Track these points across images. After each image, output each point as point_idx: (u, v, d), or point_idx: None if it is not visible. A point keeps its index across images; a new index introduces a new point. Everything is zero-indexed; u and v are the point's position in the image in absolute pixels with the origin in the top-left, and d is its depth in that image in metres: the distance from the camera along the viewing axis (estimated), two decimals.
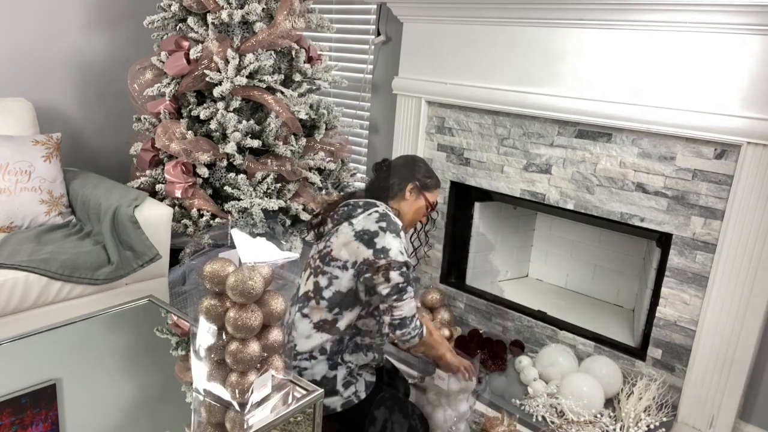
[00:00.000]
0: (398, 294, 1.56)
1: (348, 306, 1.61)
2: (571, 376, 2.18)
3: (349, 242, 1.59)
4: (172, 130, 2.46)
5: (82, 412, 1.28)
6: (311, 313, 1.62)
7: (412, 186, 1.75)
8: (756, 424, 2.15)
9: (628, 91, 2.12)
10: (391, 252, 1.56)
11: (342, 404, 1.60)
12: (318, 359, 1.60)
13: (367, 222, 1.61)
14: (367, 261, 1.56)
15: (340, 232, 1.64)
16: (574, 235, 2.88)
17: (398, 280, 1.56)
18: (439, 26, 2.59)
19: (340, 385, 1.60)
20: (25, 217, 2.30)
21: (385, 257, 1.55)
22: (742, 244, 1.96)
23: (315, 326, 1.62)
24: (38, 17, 2.77)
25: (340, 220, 1.68)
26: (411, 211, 1.77)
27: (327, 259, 1.63)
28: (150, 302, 1.82)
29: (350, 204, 1.70)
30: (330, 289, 1.60)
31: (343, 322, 1.62)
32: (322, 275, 1.62)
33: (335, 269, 1.60)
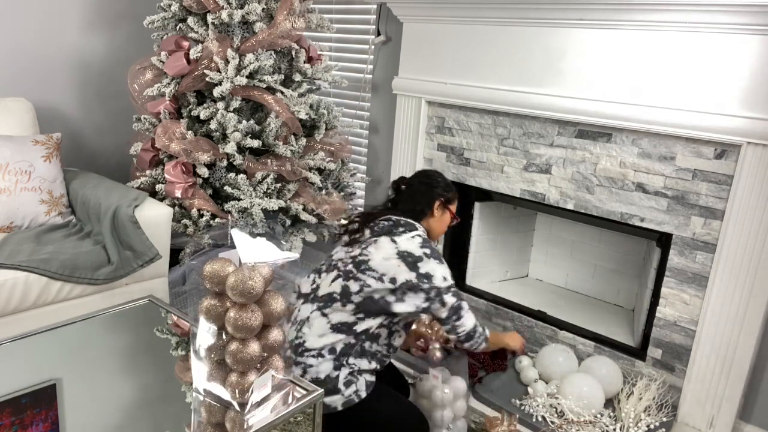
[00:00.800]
0: (456, 314, 1.71)
1: (373, 314, 1.65)
2: (571, 376, 2.18)
3: (389, 258, 1.65)
4: (172, 130, 2.46)
5: (82, 412, 1.28)
6: (332, 313, 1.65)
7: (439, 203, 1.84)
8: (756, 424, 2.15)
9: (628, 91, 2.12)
10: (434, 279, 1.65)
11: (343, 403, 1.60)
12: (325, 358, 1.61)
13: (411, 245, 1.68)
14: (409, 282, 1.63)
15: (380, 245, 1.69)
16: (574, 235, 2.88)
17: (452, 301, 1.69)
18: (439, 26, 2.59)
19: (341, 384, 1.60)
20: (25, 217, 2.30)
21: (429, 282, 1.64)
22: (742, 244, 1.96)
23: (332, 327, 1.64)
24: (38, 17, 2.77)
25: (380, 233, 1.73)
26: (439, 227, 1.87)
27: (362, 267, 1.66)
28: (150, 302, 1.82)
29: (392, 220, 1.77)
30: (360, 295, 1.64)
31: (361, 326, 1.64)
32: (354, 281, 1.65)
33: (370, 278, 1.64)
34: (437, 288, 1.65)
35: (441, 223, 1.87)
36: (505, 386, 2.30)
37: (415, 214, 1.81)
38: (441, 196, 1.84)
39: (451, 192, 1.88)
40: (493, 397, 2.22)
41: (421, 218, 1.82)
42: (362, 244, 1.73)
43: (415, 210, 1.81)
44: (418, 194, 1.83)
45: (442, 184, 1.87)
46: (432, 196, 1.83)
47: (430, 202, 1.82)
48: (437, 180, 1.87)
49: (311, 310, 1.68)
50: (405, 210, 1.82)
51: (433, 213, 1.83)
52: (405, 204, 1.83)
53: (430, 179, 1.87)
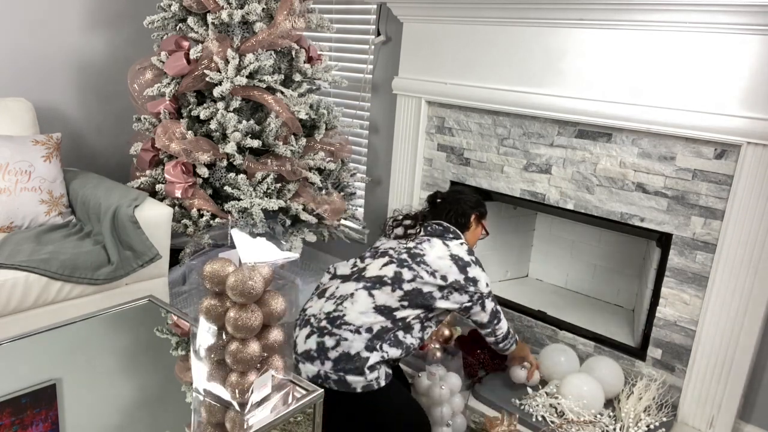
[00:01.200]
0: (496, 318, 1.91)
1: (417, 305, 1.75)
2: (571, 376, 2.18)
3: (443, 257, 1.80)
4: (172, 130, 2.46)
5: (82, 412, 1.28)
6: (379, 295, 1.73)
7: (475, 216, 2.02)
8: (756, 424, 2.15)
9: (628, 91, 2.12)
10: (479, 283, 1.81)
11: (363, 386, 1.63)
12: (362, 335, 1.67)
13: (460, 250, 1.84)
14: (458, 282, 1.77)
15: (434, 244, 1.84)
16: (574, 235, 2.88)
17: (492, 306, 1.88)
18: (439, 26, 2.59)
19: (367, 367, 1.64)
20: (25, 217, 2.30)
21: (474, 286, 1.80)
22: (742, 244, 1.96)
23: (375, 307, 1.71)
24: (38, 17, 2.77)
25: (433, 234, 1.90)
26: (472, 239, 2.03)
27: (418, 259, 1.79)
28: (150, 302, 1.82)
29: (442, 225, 1.94)
30: (412, 284, 1.75)
31: (401, 313, 1.73)
32: (408, 269, 1.77)
33: (423, 272, 1.77)
34: (481, 293, 1.81)
35: (474, 235, 2.04)
36: (505, 386, 2.30)
37: (458, 226, 1.96)
38: (477, 210, 2.02)
39: (484, 208, 2.06)
40: (493, 397, 2.22)
41: (462, 230, 1.98)
42: (416, 238, 1.89)
43: (458, 222, 1.97)
44: (458, 207, 1.99)
45: (476, 200, 2.05)
46: (469, 211, 2.00)
47: (469, 216, 2.00)
48: (472, 196, 2.06)
49: (356, 288, 1.75)
50: (449, 221, 1.97)
51: (469, 226, 2.00)
52: (448, 216, 1.98)
53: (464, 195, 2.05)
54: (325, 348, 1.65)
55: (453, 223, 1.96)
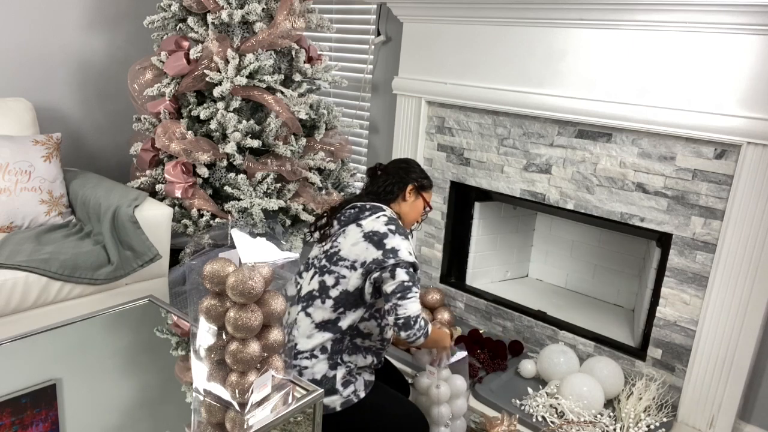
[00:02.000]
0: (402, 292, 1.58)
1: (352, 306, 1.63)
2: (570, 376, 2.18)
3: (357, 242, 1.63)
4: (172, 130, 2.46)
5: (82, 412, 1.28)
6: (314, 312, 1.64)
7: (412, 187, 1.79)
8: (756, 424, 2.15)
9: (629, 90, 2.12)
10: (400, 252, 1.60)
11: (341, 403, 1.60)
12: (318, 358, 1.61)
13: (376, 224, 1.66)
14: (376, 260, 1.59)
15: (347, 233, 1.67)
16: (574, 235, 2.88)
17: (404, 278, 1.58)
18: (439, 26, 2.59)
19: (339, 384, 1.60)
20: (25, 217, 2.30)
21: (394, 257, 1.59)
22: (742, 244, 1.96)
23: (317, 326, 1.63)
24: (38, 17, 2.77)
25: (348, 221, 1.71)
26: (411, 212, 1.81)
27: (334, 259, 1.65)
28: (150, 302, 1.82)
29: (357, 207, 1.74)
30: (337, 288, 1.63)
31: (345, 321, 1.63)
32: (328, 274, 1.65)
33: (343, 269, 1.63)
34: (398, 260, 1.59)
35: (413, 209, 1.81)
36: (505, 386, 2.30)
37: (386, 195, 1.77)
38: (415, 180, 1.80)
39: (426, 180, 1.83)
40: (493, 397, 2.22)
41: (391, 200, 1.78)
42: (332, 237, 1.72)
43: (385, 191, 1.77)
44: (391, 177, 1.79)
45: (417, 170, 1.83)
46: (406, 180, 1.79)
47: (403, 185, 1.78)
48: (413, 166, 1.84)
49: (297, 312, 1.67)
50: (374, 192, 1.78)
51: (405, 197, 1.79)
52: (376, 188, 1.78)
53: (407, 164, 1.84)
54: None
55: (381, 195, 1.77)
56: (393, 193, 1.77)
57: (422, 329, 1.62)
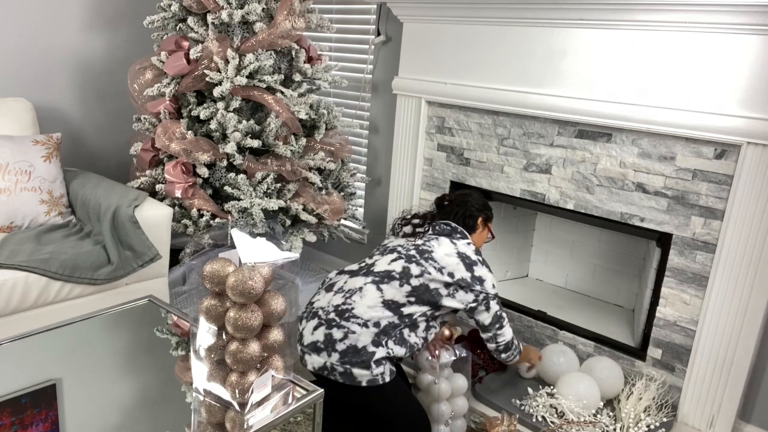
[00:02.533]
0: (499, 322, 1.89)
1: (423, 301, 1.77)
2: (568, 375, 2.18)
3: (450, 255, 1.83)
4: (172, 130, 2.46)
5: (82, 412, 1.28)
6: (387, 289, 1.75)
7: (482, 219, 2.03)
8: (756, 424, 2.15)
9: (629, 90, 2.12)
10: (486, 283, 1.82)
11: (368, 380, 1.65)
12: (369, 329, 1.68)
13: (468, 249, 1.87)
14: (464, 280, 1.79)
15: (441, 242, 1.87)
16: (574, 235, 2.88)
17: (496, 308, 1.86)
18: (439, 26, 2.59)
19: (373, 361, 1.65)
20: (25, 217, 2.30)
21: (481, 286, 1.81)
22: (742, 244, 1.96)
23: (384, 302, 1.73)
24: (38, 17, 2.77)
25: (441, 233, 1.92)
26: (478, 241, 2.04)
27: (425, 256, 1.81)
28: (150, 302, 1.82)
29: (450, 225, 1.95)
30: (419, 279, 1.77)
31: (408, 309, 1.74)
32: (416, 265, 1.79)
33: (431, 267, 1.79)
34: (486, 293, 1.81)
35: (480, 238, 2.05)
36: (505, 386, 2.30)
37: (465, 227, 1.98)
38: (484, 213, 2.04)
39: (491, 211, 2.08)
40: (493, 397, 2.22)
41: (469, 232, 1.99)
42: (424, 237, 1.93)
43: (465, 224, 1.98)
44: (464, 210, 2.01)
45: (483, 203, 2.07)
46: (476, 213, 2.02)
47: (476, 218, 2.01)
48: (480, 199, 2.07)
49: (365, 282, 1.77)
50: (458, 221, 1.99)
51: (476, 228, 2.01)
52: (455, 218, 1.99)
53: (472, 197, 2.06)
54: (333, 340, 1.66)
55: (460, 225, 1.98)
56: (468, 225, 1.99)
57: (517, 347, 2.01)
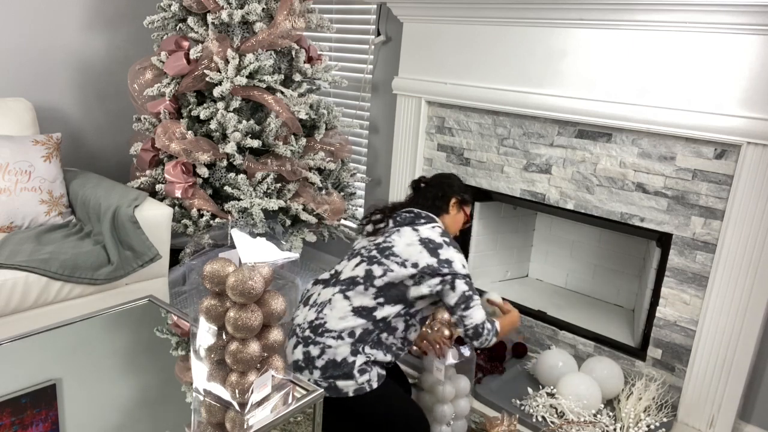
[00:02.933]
0: (465, 302, 1.72)
1: (392, 300, 1.70)
2: (568, 376, 2.18)
3: (412, 244, 1.74)
4: (172, 130, 2.46)
5: (82, 412, 1.28)
6: (354, 296, 1.70)
7: (455, 201, 1.92)
8: (756, 424, 2.15)
9: (629, 90, 2.12)
10: (454, 264, 1.71)
11: (355, 390, 1.63)
12: (345, 341, 1.65)
13: (431, 233, 1.77)
14: (430, 266, 1.69)
15: (402, 233, 1.78)
16: (574, 235, 2.88)
17: (464, 288, 1.71)
18: (439, 26, 2.59)
19: (356, 370, 1.63)
20: (25, 217, 2.30)
21: (449, 267, 1.70)
22: (742, 244, 1.96)
23: (353, 310, 1.69)
24: (38, 17, 2.77)
25: (403, 223, 1.82)
26: (453, 225, 1.94)
27: (386, 253, 1.74)
28: (150, 302, 1.82)
29: (413, 212, 1.86)
30: (383, 278, 1.70)
31: (381, 312, 1.69)
32: (378, 265, 1.72)
33: (393, 264, 1.71)
34: (454, 272, 1.70)
35: (455, 222, 1.94)
36: (505, 386, 2.30)
37: (434, 209, 1.89)
38: (458, 194, 1.93)
39: (466, 194, 1.97)
40: (493, 397, 2.22)
41: (439, 214, 1.90)
42: (385, 233, 1.83)
43: (434, 205, 1.89)
44: (437, 191, 1.92)
45: (459, 184, 1.97)
46: (449, 194, 1.92)
47: (447, 199, 1.91)
48: (455, 180, 1.98)
49: (333, 293, 1.73)
50: (424, 205, 1.90)
51: (449, 211, 1.91)
52: (424, 200, 1.91)
53: (449, 179, 1.97)
54: (312, 357, 1.64)
55: (430, 207, 1.89)
56: (440, 208, 1.90)
57: (491, 331, 1.77)
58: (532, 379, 2.35)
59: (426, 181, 1.98)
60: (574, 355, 2.40)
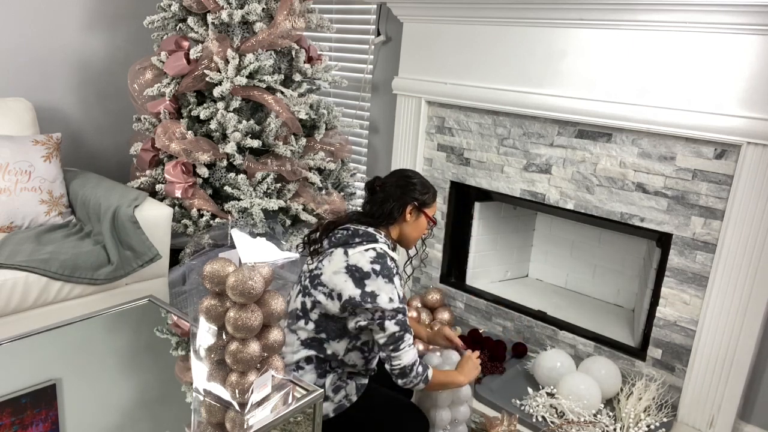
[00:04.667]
0: (395, 344, 1.54)
1: (335, 335, 1.58)
2: (568, 376, 2.17)
3: (338, 272, 1.55)
4: (172, 130, 2.46)
5: (82, 412, 1.28)
6: (299, 330, 1.61)
7: (411, 207, 1.68)
8: (756, 424, 2.15)
9: (629, 91, 2.12)
10: (379, 299, 1.51)
11: (334, 409, 1.59)
12: (305, 369, 1.59)
13: (362, 259, 1.55)
14: (352, 299, 1.52)
15: (333, 257, 1.59)
16: (574, 235, 2.88)
17: (393, 329, 1.53)
18: (439, 26, 2.59)
19: (329, 391, 1.59)
20: (25, 217, 2.30)
21: (372, 302, 1.51)
22: (742, 244, 1.96)
23: (303, 343, 1.60)
24: (38, 17, 2.77)
25: (337, 243, 1.62)
26: (414, 231, 1.71)
27: (315, 282, 1.58)
28: (150, 302, 1.81)
29: (350, 230, 1.63)
30: (315, 312, 1.58)
31: (329, 349, 1.59)
32: (308, 297, 1.59)
33: (320, 294, 1.56)
34: (381, 309, 1.51)
35: (415, 228, 1.70)
36: (505, 386, 2.30)
37: (385, 219, 1.66)
38: (415, 199, 1.67)
39: (427, 194, 1.70)
40: (493, 397, 2.22)
41: (392, 223, 1.68)
42: (320, 256, 1.64)
43: (384, 214, 1.66)
44: (391, 197, 1.67)
45: (417, 186, 1.69)
46: (405, 200, 1.66)
47: (402, 206, 1.66)
48: (412, 181, 1.70)
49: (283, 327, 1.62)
50: (374, 215, 1.67)
51: (405, 218, 1.67)
52: (375, 207, 1.67)
53: (405, 180, 1.70)
54: None
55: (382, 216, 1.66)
56: (392, 217, 1.66)
57: (420, 376, 1.58)
58: (532, 379, 2.35)
59: (381, 183, 1.71)
60: (574, 356, 2.40)
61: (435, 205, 1.75)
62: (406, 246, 1.74)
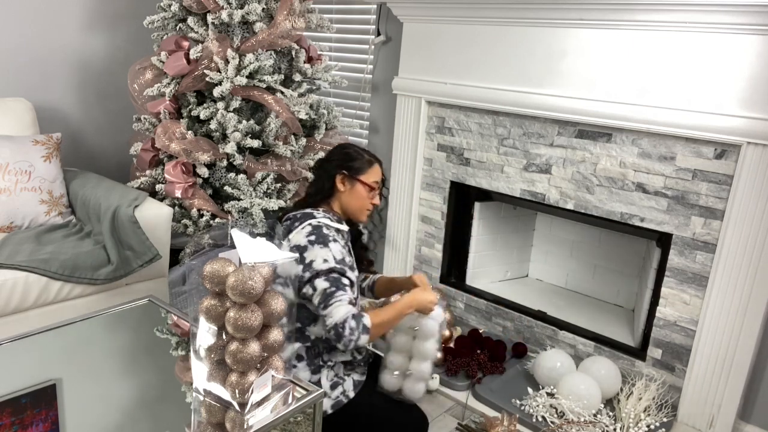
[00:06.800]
0: (324, 301, 1.50)
1: (309, 321, 1.59)
2: (568, 376, 2.17)
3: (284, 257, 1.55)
4: (172, 130, 2.46)
5: (82, 412, 1.28)
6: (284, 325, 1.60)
7: (341, 177, 1.65)
8: (756, 424, 2.15)
9: (629, 91, 2.12)
10: (315, 263, 1.52)
11: (331, 405, 1.59)
12: (298, 367, 1.59)
13: (299, 237, 1.56)
14: (301, 279, 1.52)
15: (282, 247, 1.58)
16: (574, 235, 2.88)
17: (324, 285, 1.51)
18: (439, 26, 2.59)
19: (327, 387, 1.59)
20: (25, 217, 2.30)
21: (310, 270, 1.52)
22: (742, 244, 1.96)
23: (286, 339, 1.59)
24: (38, 17, 2.77)
25: (283, 236, 1.61)
26: (355, 200, 1.66)
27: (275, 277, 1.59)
28: (150, 302, 1.81)
29: (290, 218, 1.64)
30: None
31: (311, 332, 1.60)
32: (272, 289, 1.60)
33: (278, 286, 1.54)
34: (317, 271, 1.51)
35: (354, 197, 1.66)
36: (505, 386, 2.30)
37: (322, 195, 1.66)
38: (341, 168, 1.65)
39: (356, 161, 1.65)
40: (493, 397, 2.22)
41: (330, 199, 1.67)
42: None
43: (317, 191, 1.66)
44: (320, 174, 1.67)
45: (346, 155, 1.66)
46: (330, 172, 1.65)
47: (330, 178, 1.65)
48: (343, 152, 1.68)
49: None
50: (311, 194, 1.68)
51: (339, 188, 1.65)
52: (312, 187, 1.69)
53: (336, 153, 1.69)
54: None
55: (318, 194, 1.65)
56: (325, 191, 1.65)
57: (355, 329, 1.48)
58: (532, 379, 2.35)
59: (319, 162, 1.71)
60: (574, 356, 2.40)
61: (374, 172, 1.68)
62: (355, 218, 1.71)
